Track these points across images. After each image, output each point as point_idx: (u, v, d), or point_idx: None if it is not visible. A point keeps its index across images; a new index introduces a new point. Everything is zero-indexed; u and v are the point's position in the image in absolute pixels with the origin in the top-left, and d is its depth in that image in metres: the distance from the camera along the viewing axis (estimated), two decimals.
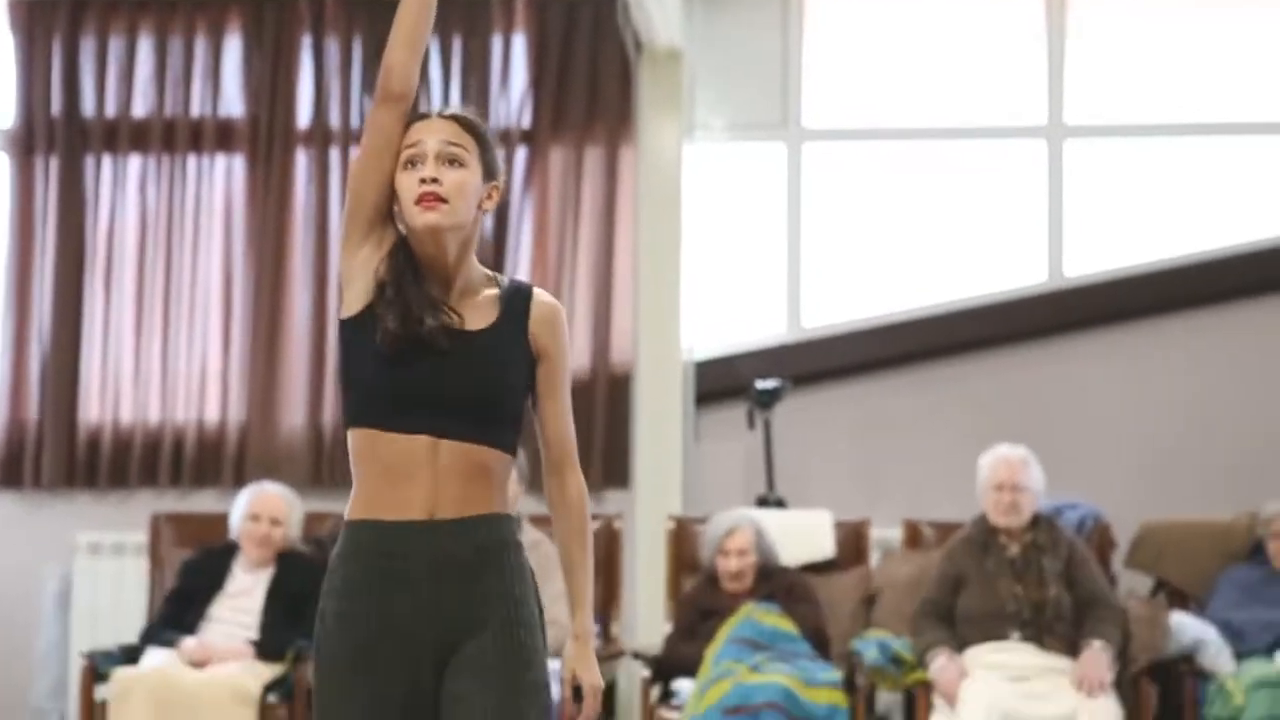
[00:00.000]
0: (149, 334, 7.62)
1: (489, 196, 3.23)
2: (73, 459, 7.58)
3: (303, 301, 7.59)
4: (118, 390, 7.60)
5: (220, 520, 6.56)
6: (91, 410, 7.60)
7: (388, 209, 3.21)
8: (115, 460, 7.58)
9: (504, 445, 3.22)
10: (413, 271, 3.17)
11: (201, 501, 7.49)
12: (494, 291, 3.24)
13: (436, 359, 3.15)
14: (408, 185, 3.16)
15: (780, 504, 7.20)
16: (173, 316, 7.62)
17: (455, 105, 3.33)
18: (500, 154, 3.27)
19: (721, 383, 7.62)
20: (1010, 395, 7.63)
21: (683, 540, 6.77)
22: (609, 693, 6.62)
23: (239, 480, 7.28)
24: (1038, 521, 6.22)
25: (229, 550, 6.43)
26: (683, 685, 6.23)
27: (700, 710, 5.98)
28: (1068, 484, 6.95)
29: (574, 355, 7.33)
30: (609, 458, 7.46)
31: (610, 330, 7.51)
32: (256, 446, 7.52)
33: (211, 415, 7.60)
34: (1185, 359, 7.65)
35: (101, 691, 6.04)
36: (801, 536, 6.76)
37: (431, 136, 3.17)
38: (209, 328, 7.62)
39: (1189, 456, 7.55)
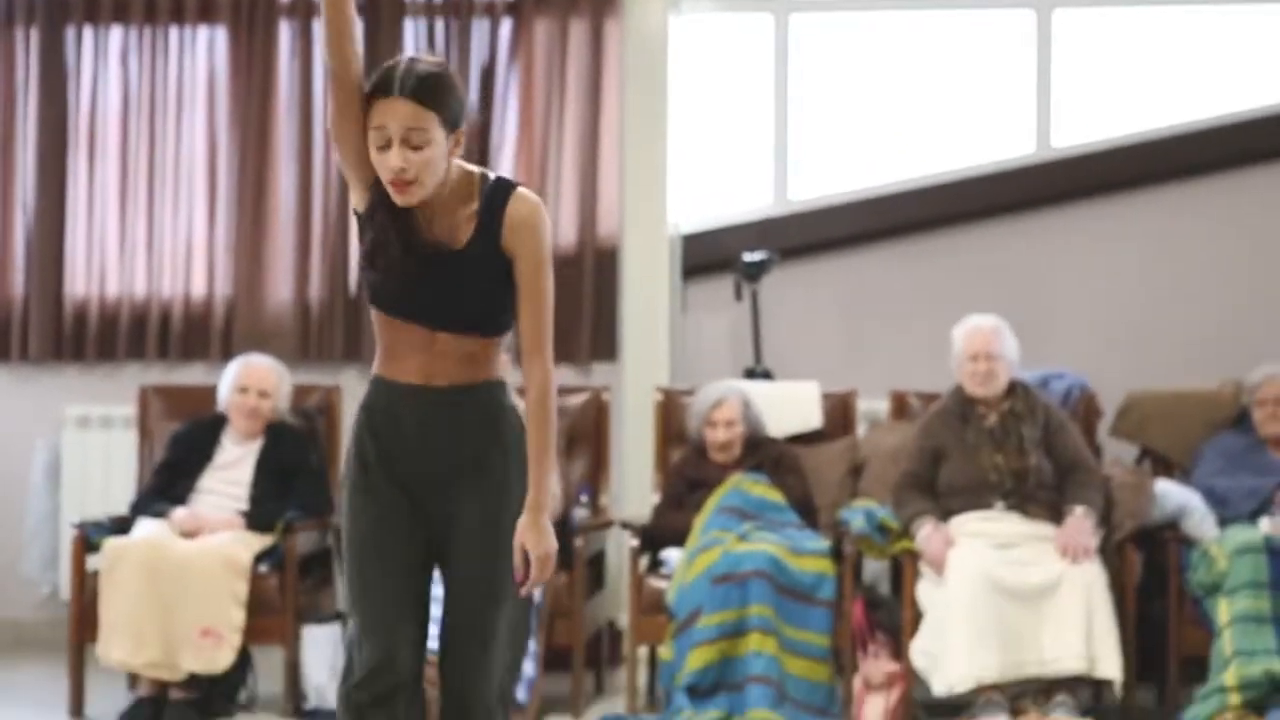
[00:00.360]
0: (133, 207, 7.59)
1: (456, 144, 3.56)
2: (60, 333, 7.58)
3: (288, 174, 7.55)
4: (103, 264, 7.59)
5: (208, 392, 6.57)
6: (77, 284, 7.59)
7: (366, 149, 3.54)
8: (102, 334, 7.58)
9: (492, 333, 3.62)
10: (391, 213, 3.54)
11: (189, 375, 7.50)
12: (474, 205, 3.58)
13: (421, 277, 3.56)
14: (382, 167, 3.50)
15: (767, 376, 7.22)
16: (157, 190, 7.59)
17: (415, 66, 3.52)
18: (467, 98, 3.58)
19: (708, 256, 7.61)
20: (997, 267, 7.63)
21: (670, 412, 6.80)
22: (598, 562, 6.68)
23: (226, 354, 7.28)
24: (1014, 390, 6.25)
25: (217, 422, 6.44)
26: (671, 555, 6.28)
27: (688, 579, 6.03)
28: (1054, 355, 6.99)
29: (561, 230, 7.39)
30: (596, 331, 7.47)
31: (597, 204, 7.49)
32: (244, 320, 7.52)
33: (198, 289, 7.59)
34: (1173, 229, 7.65)
35: (92, 562, 6.08)
36: (788, 408, 6.79)
37: (394, 121, 3.47)
38: (194, 201, 7.59)
39: (1176, 326, 7.57)
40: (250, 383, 6.40)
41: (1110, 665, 5.76)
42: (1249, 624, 5.73)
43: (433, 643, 4.61)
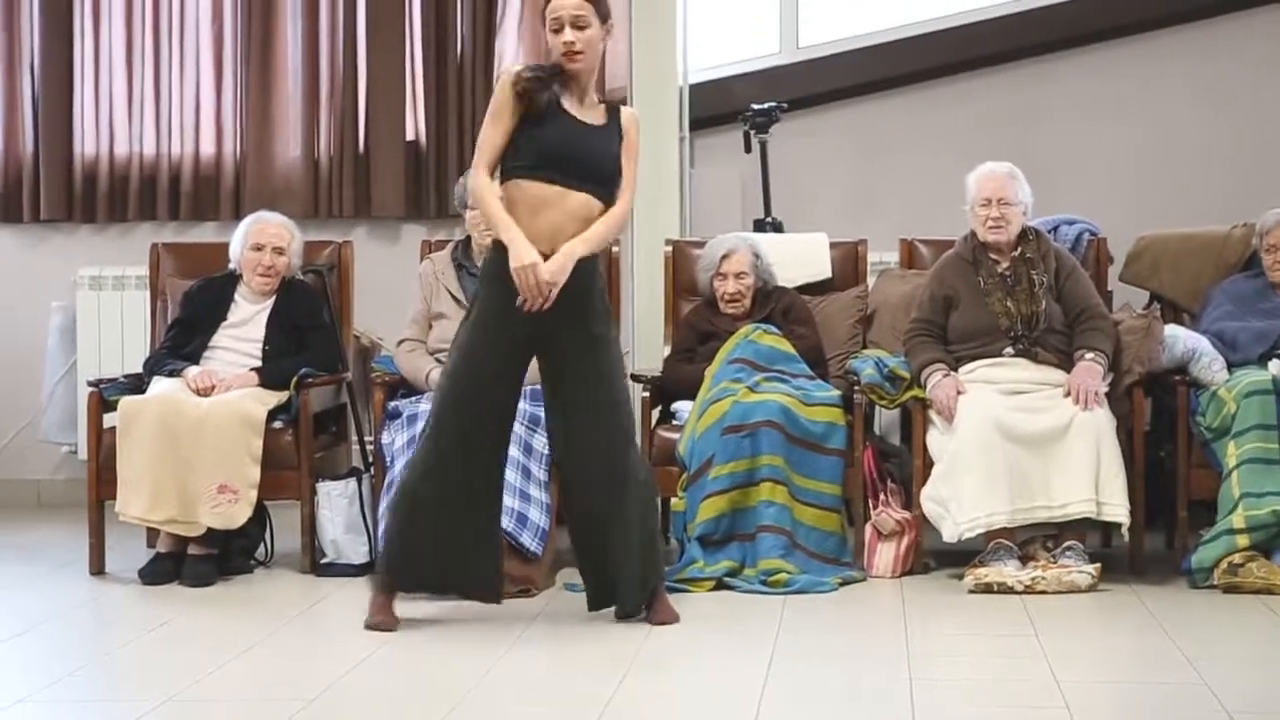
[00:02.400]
0: (140, 67, 7.57)
1: (607, 32, 5.23)
2: (70, 193, 7.60)
3: (294, 30, 7.52)
4: (112, 124, 7.58)
5: (220, 250, 6.57)
6: (87, 145, 7.59)
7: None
8: (113, 194, 7.59)
9: (607, 196, 5.20)
10: (558, 102, 5.17)
11: (201, 234, 7.52)
12: (603, 106, 5.29)
13: (571, 137, 5.13)
14: (555, 45, 5.15)
15: (777, 227, 7.21)
16: (163, 48, 7.57)
17: None
18: None
19: (717, 106, 7.58)
20: (1007, 113, 7.59)
21: (680, 263, 6.80)
22: None
23: (237, 212, 7.31)
24: (1025, 236, 6.24)
25: (230, 280, 6.45)
26: (682, 406, 6.31)
27: (699, 430, 6.07)
28: (1065, 201, 6.96)
29: None
30: None
31: (605, 56, 7.40)
32: (254, 178, 7.53)
33: (207, 148, 7.59)
34: (1186, 74, 7.60)
35: (109, 420, 6.12)
36: (798, 258, 6.79)
37: (565, 10, 5.12)
38: (201, 59, 7.57)
39: (1187, 170, 7.55)
40: (265, 240, 6.40)
41: (1118, 509, 5.80)
42: (1257, 465, 5.75)
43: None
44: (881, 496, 6.06)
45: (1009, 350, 6.11)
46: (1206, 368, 6.04)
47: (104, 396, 6.19)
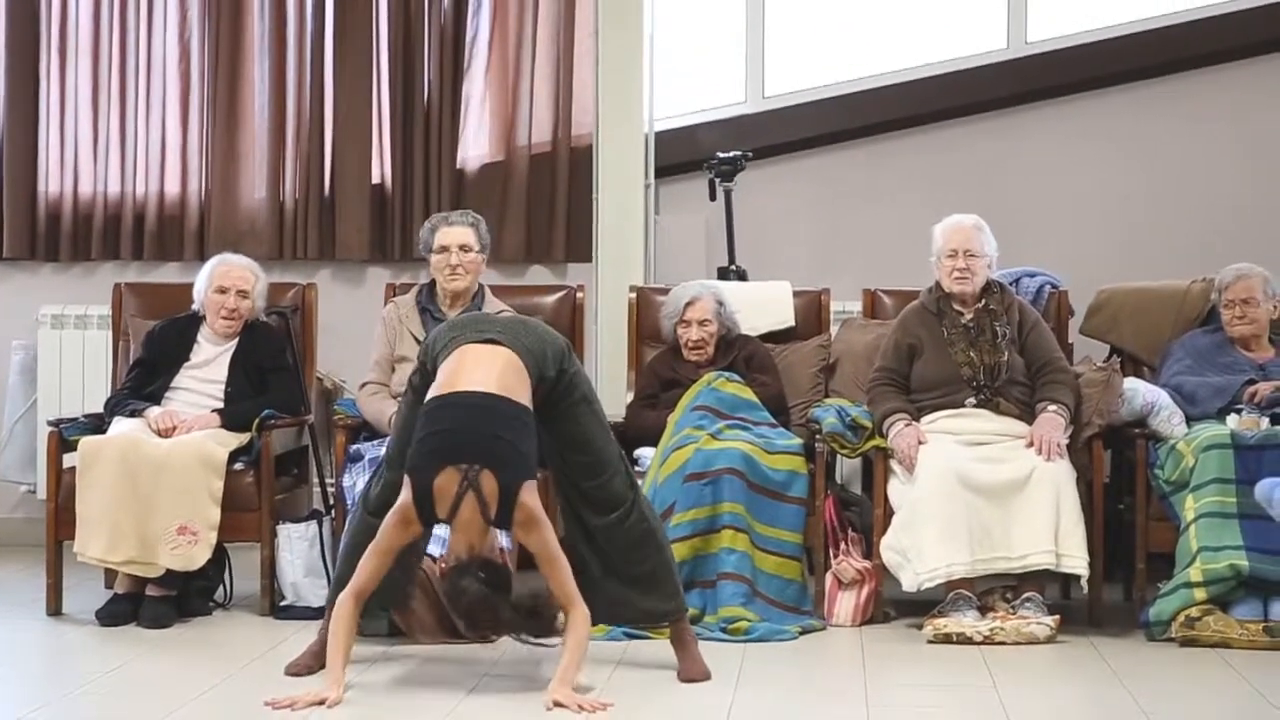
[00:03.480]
0: (106, 105, 7.57)
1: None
2: (34, 232, 7.58)
3: (261, 71, 7.52)
4: (77, 163, 7.57)
5: (184, 290, 6.56)
6: (51, 182, 7.57)
7: None
8: (76, 232, 7.58)
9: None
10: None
11: (164, 274, 7.51)
12: None
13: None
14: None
15: (741, 275, 7.24)
16: (130, 87, 7.57)
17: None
18: None
19: (683, 154, 7.61)
20: (971, 166, 7.65)
21: (644, 311, 6.82)
22: None
23: (201, 253, 7.30)
24: (990, 288, 6.29)
25: (193, 321, 6.44)
26: (644, 453, 6.31)
27: (661, 477, 6.07)
28: (1027, 253, 7.01)
29: (535, 129, 7.41)
30: (571, 231, 7.47)
31: (572, 103, 7.47)
32: (218, 219, 7.52)
33: (172, 188, 7.58)
34: (1147, 127, 7.67)
35: (69, 460, 6.10)
36: (762, 306, 6.81)
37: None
38: (167, 99, 7.56)
39: (1148, 224, 7.61)
40: (229, 283, 6.39)
41: (1077, 561, 5.83)
42: (1214, 519, 5.79)
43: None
44: (842, 545, 6.07)
45: (971, 400, 6.14)
46: (1165, 421, 6.08)
47: (64, 436, 6.16)
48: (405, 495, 4.81)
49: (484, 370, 4.92)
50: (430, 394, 4.94)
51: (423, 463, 4.80)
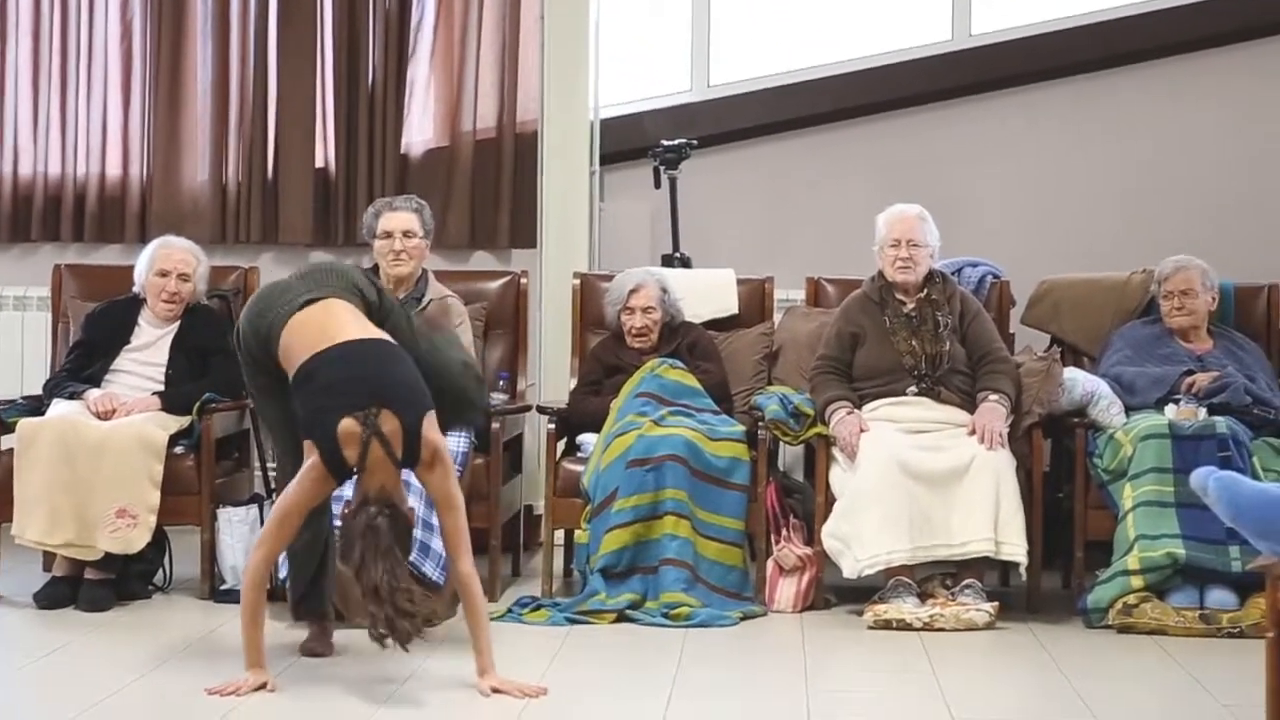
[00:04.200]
0: (47, 87, 7.51)
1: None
2: None
3: (204, 53, 7.48)
4: (16, 144, 7.51)
5: (125, 273, 6.51)
6: None
7: None
8: (16, 213, 7.52)
9: None
10: None
11: (105, 256, 7.46)
12: None
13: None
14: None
15: (685, 262, 7.25)
16: (70, 68, 7.50)
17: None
18: None
19: (628, 142, 7.61)
20: (915, 156, 7.68)
21: (588, 297, 6.82)
22: (515, 446, 6.71)
23: (143, 235, 7.25)
24: (932, 278, 6.32)
25: (134, 303, 6.40)
26: (587, 439, 6.32)
27: (604, 463, 6.08)
28: (969, 243, 7.04)
29: (480, 115, 7.39)
30: (515, 217, 7.46)
31: (517, 89, 7.45)
32: (160, 201, 7.47)
33: (113, 170, 7.53)
34: (1089, 120, 7.72)
35: (7, 441, 6.05)
36: (706, 294, 6.82)
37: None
38: (109, 80, 7.51)
39: (1089, 216, 7.66)
40: (170, 266, 6.35)
41: (1016, 549, 5.87)
42: (1152, 508, 5.84)
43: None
44: (784, 532, 6.09)
45: (912, 389, 6.17)
46: (1105, 410, 6.13)
47: (2, 418, 6.11)
48: (313, 456, 4.75)
49: (336, 323, 4.89)
50: (297, 365, 4.86)
51: (320, 419, 4.73)
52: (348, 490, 4.99)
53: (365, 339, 4.87)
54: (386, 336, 4.95)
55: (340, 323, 4.90)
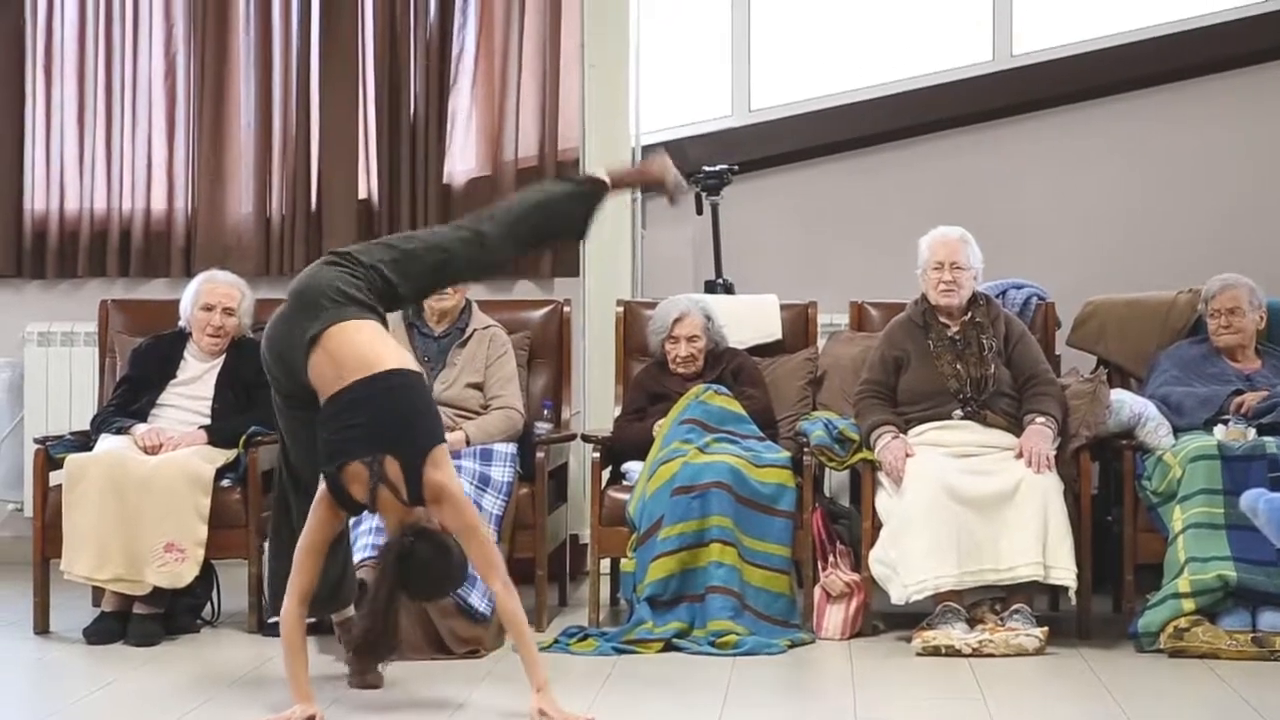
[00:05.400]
0: (92, 123, 7.56)
1: None
2: (20, 249, 7.58)
3: (247, 87, 7.52)
4: (63, 180, 7.57)
5: (170, 307, 6.55)
6: (37, 200, 7.57)
7: None
8: (63, 250, 7.57)
9: None
10: None
11: (151, 290, 7.50)
12: None
13: None
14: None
15: (728, 288, 7.24)
16: (115, 104, 7.56)
17: None
18: None
19: None
20: (957, 178, 7.65)
21: (631, 325, 6.82)
22: (560, 475, 6.72)
23: (188, 269, 7.30)
24: (976, 300, 6.29)
25: (180, 338, 6.43)
26: (632, 467, 6.31)
27: (649, 491, 6.07)
28: (1013, 265, 7.01)
29: (521, 142, 7.41)
30: (558, 245, 7.46)
31: (558, 116, 7.47)
32: (205, 235, 7.52)
33: (158, 204, 7.57)
34: (1132, 140, 7.67)
35: (55, 478, 6.08)
36: (749, 320, 6.82)
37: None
38: (153, 115, 7.57)
39: (1134, 236, 7.61)
40: (215, 300, 6.38)
41: (1065, 572, 5.83)
42: (1202, 530, 5.79)
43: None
44: (830, 558, 6.07)
45: (958, 413, 6.14)
46: (1153, 432, 6.09)
47: (50, 454, 6.15)
48: (324, 489, 4.82)
49: (348, 354, 4.87)
50: (327, 394, 4.87)
51: (328, 461, 4.81)
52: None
53: (376, 375, 4.84)
54: (400, 361, 4.93)
55: (347, 355, 4.88)
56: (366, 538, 5.71)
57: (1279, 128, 7.65)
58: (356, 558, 5.65)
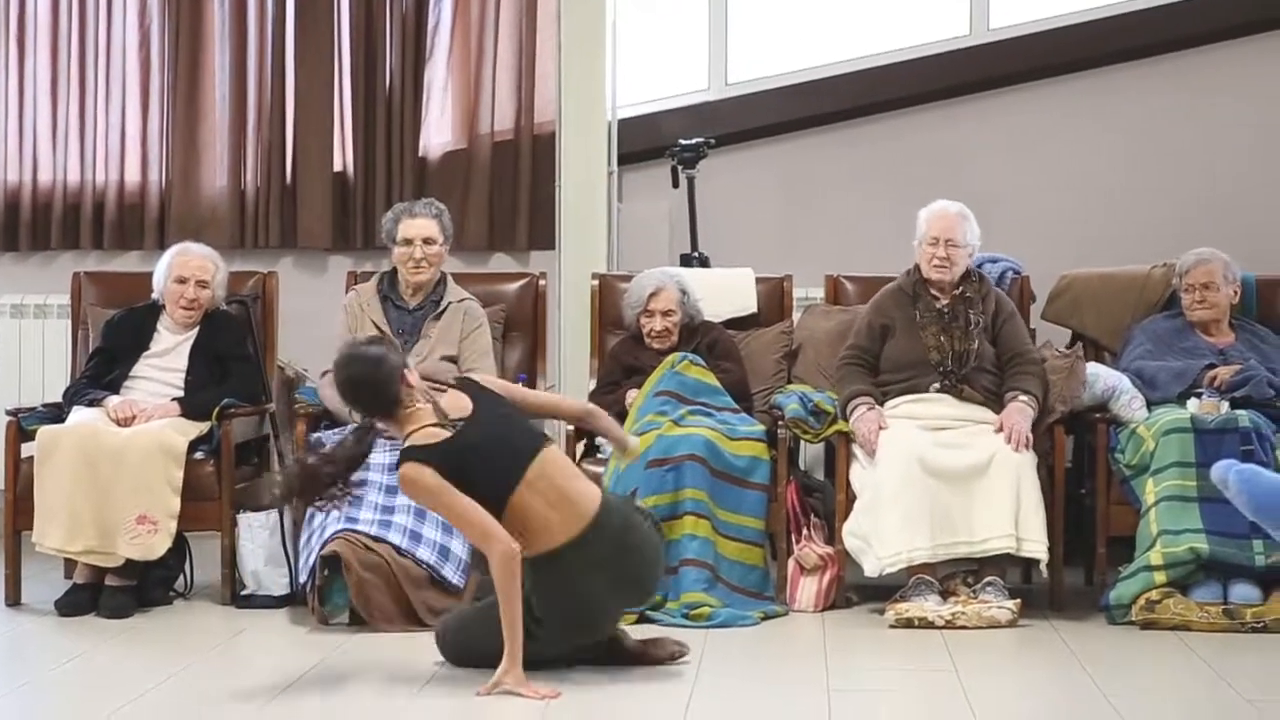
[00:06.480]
0: (65, 94, 7.53)
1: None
2: None
3: (222, 58, 7.49)
4: (35, 151, 7.54)
5: (144, 279, 6.51)
6: (10, 171, 7.54)
7: None
8: (35, 221, 7.55)
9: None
10: None
11: (124, 263, 7.48)
12: None
13: None
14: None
15: (704, 262, 7.23)
16: (89, 75, 7.53)
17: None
18: None
19: (645, 141, 7.60)
20: (934, 152, 7.65)
21: (607, 298, 6.81)
22: None
23: (162, 243, 7.27)
24: (969, 276, 6.29)
25: (153, 310, 6.40)
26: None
27: (624, 463, 6.06)
28: (991, 240, 6.98)
29: (498, 116, 7.40)
30: (534, 218, 7.47)
31: (534, 90, 7.46)
32: (179, 207, 7.49)
33: (132, 176, 7.54)
34: (1108, 114, 7.68)
35: (27, 449, 6.06)
36: (724, 293, 6.81)
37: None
38: (127, 86, 7.53)
39: (1111, 211, 7.62)
40: (189, 273, 6.35)
41: (1037, 545, 5.84)
42: (1175, 503, 5.81)
43: (367, 527, 5.57)
44: (804, 531, 6.07)
45: (935, 385, 6.14)
46: (1126, 405, 6.10)
47: (22, 425, 6.13)
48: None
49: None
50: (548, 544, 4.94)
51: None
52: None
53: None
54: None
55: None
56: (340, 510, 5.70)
57: (1254, 103, 7.66)
58: (329, 531, 5.65)
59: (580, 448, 6.31)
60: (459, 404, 4.99)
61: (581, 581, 4.87)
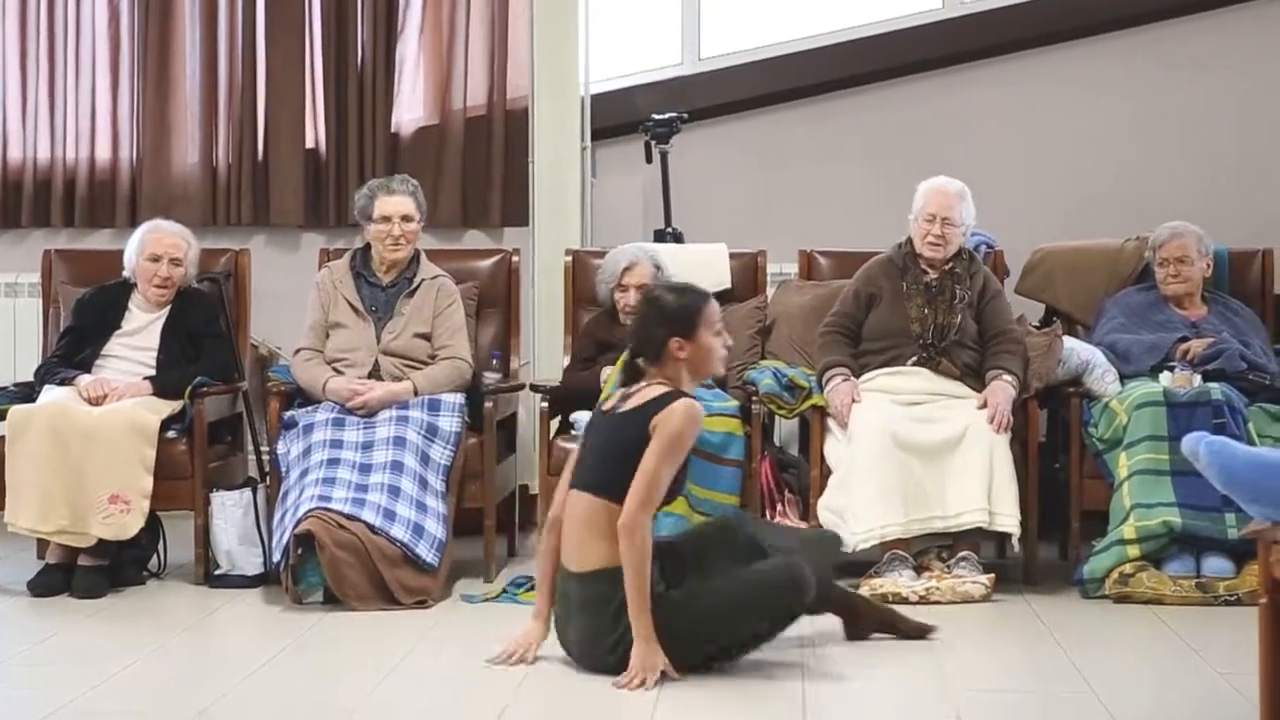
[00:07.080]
0: (34, 70, 7.49)
1: None
2: None
3: (193, 34, 7.45)
4: (5, 128, 7.49)
5: (115, 257, 6.48)
6: None
7: None
8: (5, 200, 7.50)
9: None
10: None
11: (95, 241, 7.44)
12: None
13: None
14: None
15: (678, 237, 7.22)
16: (59, 51, 7.48)
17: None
18: None
19: (618, 117, 7.58)
20: (907, 126, 7.64)
21: (581, 274, 6.79)
22: (509, 425, 6.70)
23: (133, 220, 7.22)
24: (960, 254, 6.29)
25: (125, 288, 6.38)
26: (581, 416, 6.28)
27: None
28: None
29: (470, 92, 7.36)
30: (507, 194, 7.44)
31: (507, 65, 7.43)
32: (150, 185, 7.45)
33: (103, 154, 7.50)
34: (1081, 86, 7.67)
35: None
36: (698, 269, 6.77)
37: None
38: (97, 63, 7.48)
39: (1085, 185, 7.62)
40: (161, 251, 6.32)
41: (1009, 519, 5.85)
42: (1148, 477, 5.82)
43: (341, 505, 5.47)
44: (779, 507, 6.08)
45: (913, 358, 6.14)
46: (1100, 379, 6.11)
47: None
48: None
49: None
50: None
51: None
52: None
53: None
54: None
55: None
56: (314, 489, 5.70)
57: (1229, 75, 7.66)
58: (302, 509, 5.64)
59: (554, 424, 6.30)
60: None
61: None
